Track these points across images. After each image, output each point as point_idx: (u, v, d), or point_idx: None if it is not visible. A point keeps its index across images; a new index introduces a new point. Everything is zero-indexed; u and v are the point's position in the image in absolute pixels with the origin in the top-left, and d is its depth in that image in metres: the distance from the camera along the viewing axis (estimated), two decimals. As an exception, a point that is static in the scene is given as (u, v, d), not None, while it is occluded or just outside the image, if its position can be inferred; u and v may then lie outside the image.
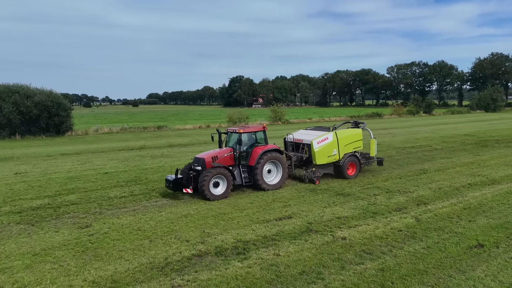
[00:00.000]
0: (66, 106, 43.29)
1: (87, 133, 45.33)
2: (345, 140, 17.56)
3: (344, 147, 17.51)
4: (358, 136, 18.18)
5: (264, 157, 15.38)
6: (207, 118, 79.08)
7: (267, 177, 15.80)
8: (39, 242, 10.31)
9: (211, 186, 14.26)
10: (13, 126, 39.22)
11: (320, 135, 17.22)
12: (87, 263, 8.94)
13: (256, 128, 16.26)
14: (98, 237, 10.68)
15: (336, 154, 17.29)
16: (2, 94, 38.82)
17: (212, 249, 9.70)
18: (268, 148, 15.70)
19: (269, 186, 15.62)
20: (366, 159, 18.72)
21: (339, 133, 17.55)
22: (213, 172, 14.23)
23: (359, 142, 18.20)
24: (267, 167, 15.78)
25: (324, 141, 17.03)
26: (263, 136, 16.20)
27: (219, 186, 14.56)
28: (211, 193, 14.20)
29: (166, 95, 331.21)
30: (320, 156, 16.91)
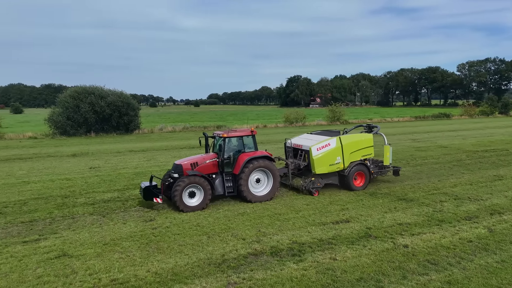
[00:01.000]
0: (135, 106, 46.35)
1: (153, 131, 48.11)
2: (351, 146, 15.50)
3: (350, 154, 15.49)
4: (367, 142, 16.03)
5: (249, 165, 13.76)
6: (264, 118, 79.77)
7: (256, 187, 14.23)
8: (109, 233, 11.15)
9: (185, 196, 13.02)
10: (88, 124, 42.87)
11: (321, 141, 15.34)
12: (150, 255, 9.49)
13: (243, 132, 14.49)
14: (161, 230, 11.27)
15: (340, 162, 15.28)
16: (80, 95, 42.62)
17: (267, 249, 9.75)
18: (255, 155, 14.05)
19: (256, 197, 13.99)
20: (379, 168, 16.73)
21: (344, 139, 15.48)
22: (186, 181, 12.94)
23: (369, 149, 16.05)
24: (255, 176, 14.17)
25: (325, 148, 15.06)
26: (251, 141, 14.53)
27: (195, 197, 13.23)
28: (184, 204, 12.95)
29: (225, 96, 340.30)
30: (320, 164, 15.00)
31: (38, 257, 9.38)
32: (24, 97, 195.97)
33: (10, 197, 15.54)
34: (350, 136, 15.96)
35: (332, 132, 16.91)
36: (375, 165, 16.79)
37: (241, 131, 14.52)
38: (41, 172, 21.05)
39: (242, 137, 14.43)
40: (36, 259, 9.29)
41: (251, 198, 13.93)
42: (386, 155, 16.32)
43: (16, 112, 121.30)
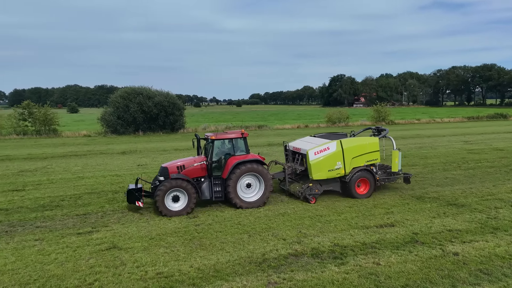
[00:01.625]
0: (180, 106, 47.89)
1: (196, 130, 49.40)
2: (353, 151, 14.40)
3: (352, 159, 14.40)
4: (372, 146, 14.82)
5: (238, 169, 13.22)
6: (305, 118, 79.06)
7: (246, 192, 13.62)
8: (155, 228, 11.63)
9: (168, 201, 12.70)
10: (137, 123, 44.92)
11: (320, 144, 14.40)
12: (193, 251, 9.77)
13: (233, 134, 13.92)
14: (203, 227, 11.56)
15: (340, 167, 14.24)
16: (129, 95, 44.77)
17: (308, 250, 9.68)
18: (244, 158, 13.45)
19: (246, 203, 13.42)
20: (388, 175, 15.39)
21: (345, 142, 14.43)
22: (168, 185, 12.62)
23: (374, 154, 14.83)
24: (246, 181, 13.57)
25: (323, 152, 14.06)
26: (242, 144, 13.95)
27: (179, 201, 12.85)
28: (166, 209, 12.60)
29: (267, 96, 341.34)
30: (317, 170, 14.04)
31: (90, 248, 10.00)
32: (79, 98, 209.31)
33: (67, 191, 16.68)
34: (352, 139, 14.95)
35: (338, 135, 15.95)
36: (383, 171, 15.52)
37: (231, 134, 13.96)
38: (94, 168, 22.39)
39: (233, 139, 13.79)
40: (89, 250, 9.91)
41: (240, 204, 13.32)
42: (395, 161, 15.00)
43: (72, 112, 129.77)
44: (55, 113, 48.61)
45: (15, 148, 33.23)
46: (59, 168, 22.71)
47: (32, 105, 46.62)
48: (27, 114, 45.99)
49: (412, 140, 34.75)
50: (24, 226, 11.89)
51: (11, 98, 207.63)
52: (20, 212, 13.53)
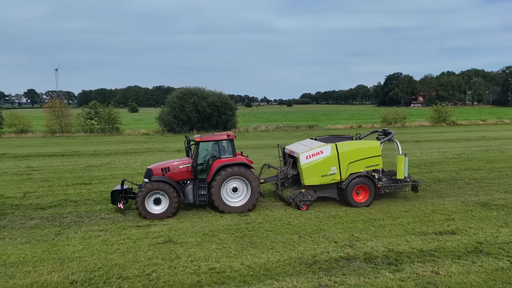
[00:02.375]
0: (232, 106, 48.93)
1: (247, 130, 50.13)
2: (350, 155, 13.44)
3: (349, 164, 13.44)
4: (372, 150, 13.69)
5: (222, 172, 12.85)
6: (358, 118, 76.77)
7: (232, 197, 13.21)
8: (207, 224, 12.00)
9: (149, 203, 12.58)
10: (191, 122, 46.62)
11: (313, 148, 13.63)
12: (244, 248, 9.94)
13: (218, 136, 13.60)
14: (254, 226, 11.72)
15: (335, 173, 13.34)
16: (185, 96, 46.60)
17: (361, 254, 9.41)
18: (229, 161, 13.04)
19: (230, 208, 12.99)
20: (393, 182, 14.01)
21: (341, 146, 13.48)
22: (149, 187, 12.51)
23: (374, 159, 13.70)
24: (232, 185, 13.17)
25: (316, 156, 13.26)
26: (228, 146, 13.56)
27: (160, 204, 12.67)
28: (146, 211, 12.49)
29: (318, 95, 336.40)
30: (309, 175, 13.28)
31: (149, 241, 10.58)
32: (139, 98, 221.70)
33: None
34: (349, 143, 13.90)
35: (341, 138, 14.92)
36: (388, 178, 14.13)
37: (217, 136, 13.68)
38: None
39: (218, 142, 13.43)
40: (147, 242, 10.49)
41: (223, 209, 12.94)
42: (400, 167, 13.70)
43: (132, 111, 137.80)
44: (118, 112, 52.09)
45: (83, 145, 36.06)
46: (121, 164, 24.25)
47: (97, 105, 50.32)
48: (93, 113, 49.71)
49: (476, 143, 32.30)
50: (90, 217, 12.88)
51: (80, 99, 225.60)
52: (87, 204, 14.67)
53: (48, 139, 43.23)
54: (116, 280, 8.29)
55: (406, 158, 13.80)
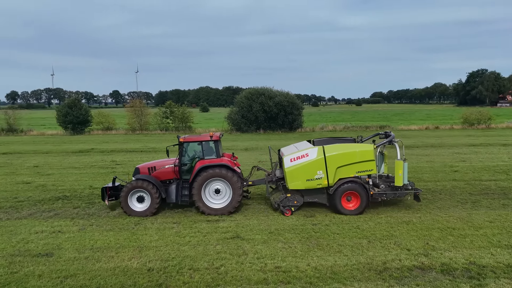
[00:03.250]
0: (298, 105, 48.73)
1: (314, 130, 49.51)
2: (338, 159, 12.56)
3: (338, 169, 12.59)
4: (364, 154, 12.64)
5: (202, 173, 12.71)
6: (435, 118, 71.39)
7: (215, 198, 13.05)
8: (273, 222, 12.11)
9: (132, 201, 12.89)
10: (258, 122, 47.39)
11: (299, 150, 12.98)
12: (310, 250, 9.85)
13: (201, 137, 13.50)
14: (320, 227, 11.54)
15: (322, 177, 12.58)
16: (252, 96, 47.52)
17: (437, 265, 8.77)
18: (210, 162, 12.88)
19: (210, 209, 12.85)
20: (392, 190, 12.90)
21: (329, 149, 12.65)
22: (131, 186, 12.78)
23: (366, 163, 12.65)
24: (215, 186, 13.01)
25: (300, 159, 12.62)
26: (211, 147, 13.37)
27: (143, 202, 12.93)
28: (129, 208, 12.81)
29: (390, 94, 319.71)
30: (293, 178, 12.66)
31: (217, 236, 10.99)
32: (210, 98, 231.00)
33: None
34: (338, 146, 12.98)
35: (342, 140, 13.90)
36: (387, 185, 13.13)
37: (200, 136, 13.63)
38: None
39: (202, 142, 13.35)
40: (216, 237, 10.91)
41: (204, 210, 12.85)
42: (398, 174, 12.66)
43: (203, 111, 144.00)
44: (191, 112, 54.90)
45: (159, 142, 38.62)
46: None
47: (172, 105, 53.57)
48: (168, 112, 52.99)
49: None
50: (165, 210, 13.76)
51: (157, 99, 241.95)
52: (162, 197, 15.67)
53: (129, 136, 47.08)
54: (187, 271, 8.76)
55: (405, 164, 12.78)
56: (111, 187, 13.71)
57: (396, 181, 12.82)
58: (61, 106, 53.01)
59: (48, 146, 35.48)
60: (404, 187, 12.93)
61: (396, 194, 12.99)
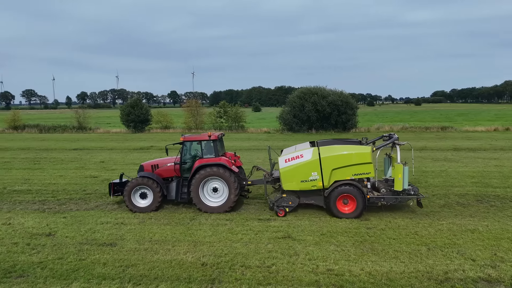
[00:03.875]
0: (353, 105, 47.35)
1: (369, 130, 47.80)
2: (333, 161, 12.35)
3: (333, 171, 12.40)
4: (360, 157, 12.28)
5: (200, 171, 13.03)
6: (506, 119, 65.38)
7: (212, 196, 13.40)
8: (325, 224, 11.91)
9: (135, 197, 13.50)
10: (311, 122, 46.80)
11: (295, 151, 13.00)
12: (364, 254, 9.54)
13: (200, 137, 13.79)
14: (375, 232, 11.13)
15: (317, 179, 12.45)
16: (305, 95, 47.04)
17: (506, 278, 8.07)
18: (208, 161, 13.15)
19: (207, 207, 13.19)
20: (393, 194, 12.49)
21: (324, 151, 12.46)
22: (135, 182, 13.36)
23: (363, 166, 12.29)
24: (213, 185, 13.31)
25: (294, 160, 12.60)
26: (210, 147, 13.61)
27: (146, 198, 13.50)
28: (132, 204, 13.41)
29: (453, 93, 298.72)
30: (287, 179, 12.68)
31: (269, 235, 11.06)
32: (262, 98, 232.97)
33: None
34: (334, 147, 12.69)
35: (347, 142, 13.42)
36: (389, 190, 12.69)
37: (200, 136, 13.94)
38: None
39: (201, 141, 13.72)
40: (267, 236, 10.98)
41: (201, 207, 13.25)
42: (397, 178, 12.26)
43: (256, 110, 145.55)
44: (243, 111, 55.74)
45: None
46: (244, 160, 25.88)
47: (226, 105, 54.82)
48: (222, 112, 54.32)
49: None
50: (218, 207, 14.11)
51: (211, 99, 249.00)
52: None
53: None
54: (239, 268, 8.93)
55: (405, 168, 12.26)
56: (118, 183, 14.38)
57: (396, 185, 12.44)
58: (124, 106, 56.51)
59: (112, 143, 38.07)
60: (407, 192, 12.48)
61: (397, 199, 12.58)
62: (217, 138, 13.87)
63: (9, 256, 9.68)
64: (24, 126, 55.32)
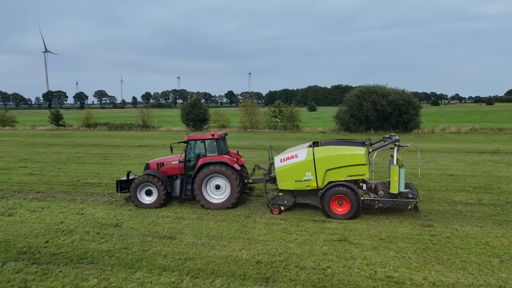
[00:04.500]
0: (416, 104, 44.82)
1: (433, 131, 44.92)
2: (327, 161, 12.39)
3: (327, 172, 12.45)
4: (354, 158, 12.19)
5: (203, 169, 13.49)
6: None
7: (215, 193, 13.86)
8: (384, 229, 11.41)
9: (141, 194, 14.01)
10: (369, 122, 45.14)
11: (291, 151, 13.32)
12: (427, 263, 8.98)
13: (204, 136, 14.29)
14: (440, 239, 10.43)
15: (311, 179, 12.53)
16: (363, 94, 45.46)
17: None
18: (211, 160, 13.60)
19: (210, 204, 13.65)
20: (391, 197, 12.20)
21: (318, 151, 12.52)
22: (140, 180, 13.85)
23: (358, 167, 12.21)
24: (216, 182, 13.76)
25: (289, 160, 12.77)
26: (213, 145, 14.04)
27: (151, 195, 13.95)
28: (137, 201, 13.94)
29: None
30: (282, 179, 12.87)
31: (324, 236, 10.86)
32: (317, 97, 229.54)
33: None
34: (328, 148, 12.67)
35: (350, 143, 13.26)
36: (386, 192, 12.31)
37: (203, 135, 14.37)
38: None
39: (205, 140, 14.14)
40: (322, 237, 10.79)
41: (204, 204, 13.70)
42: (393, 180, 12.00)
43: (311, 110, 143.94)
44: (298, 111, 55.36)
45: (268, 140, 39.99)
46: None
47: (281, 104, 54.84)
48: (277, 112, 54.43)
49: None
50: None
51: (266, 98, 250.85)
52: (269, 193, 16.15)
53: (240, 133, 49.88)
54: (294, 268, 8.88)
55: (402, 170, 11.95)
56: (125, 180, 14.88)
57: (392, 188, 12.18)
58: (185, 105, 59.03)
59: (173, 141, 39.88)
60: (404, 195, 12.17)
61: (395, 202, 12.29)
62: (220, 137, 14.33)
63: (81, 244, 10.58)
64: (95, 124, 60.22)
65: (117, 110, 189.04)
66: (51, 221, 12.60)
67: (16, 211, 13.72)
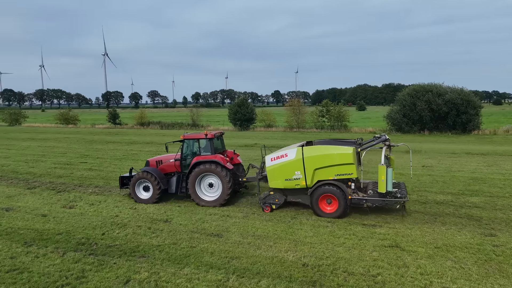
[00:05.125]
0: (476, 104, 41.83)
1: (496, 133, 41.63)
2: (315, 161, 12.46)
3: (316, 171, 12.54)
4: (342, 157, 12.17)
5: (196, 168, 13.97)
6: None
7: (209, 191, 14.33)
8: (440, 236, 10.70)
9: (139, 189, 14.69)
10: (423, 122, 42.84)
11: (281, 150, 13.61)
12: (490, 275, 8.29)
13: (198, 135, 14.73)
14: (504, 250, 9.58)
15: (300, 178, 12.71)
16: (417, 93, 43.24)
17: None
18: (204, 158, 14.00)
19: (203, 201, 14.15)
20: (379, 196, 12.01)
21: (307, 151, 12.62)
22: (137, 176, 14.52)
23: (345, 167, 12.18)
24: (209, 180, 14.24)
25: (279, 159, 12.99)
26: (207, 145, 14.44)
27: (148, 191, 14.55)
28: (136, 196, 14.64)
29: None
30: (273, 177, 13.13)
31: (374, 241, 10.42)
32: (367, 96, 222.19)
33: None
34: (317, 147, 12.92)
35: (343, 142, 13.55)
36: (376, 192, 12.31)
37: (198, 134, 14.76)
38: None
39: (199, 139, 14.49)
40: (372, 242, 10.35)
41: (197, 201, 14.17)
42: (381, 179, 11.97)
43: (360, 109, 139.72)
44: (347, 110, 53.96)
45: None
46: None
47: (329, 104, 53.78)
48: (325, 111, 53.45)
49: None
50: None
51: (313, 98, 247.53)
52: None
53: (286, 133, 49.66)
54: (342, 273, 8.60)
55: (390, 170, 11.94)
56: (127, 177, 15.52)
57: (380, 187, 12.14)
58: (232, 105, 59.95)
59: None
60: (393, 195, 12.06)
61: (384, 202, 12.23)
62: (213, 136, 14.69)
63: (134, 237, 11.07)
64: (148, 122, 63.16)
65: (168, 109, 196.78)
66: (107, 214, 13.34)
67: (77, 204, 14.70)
